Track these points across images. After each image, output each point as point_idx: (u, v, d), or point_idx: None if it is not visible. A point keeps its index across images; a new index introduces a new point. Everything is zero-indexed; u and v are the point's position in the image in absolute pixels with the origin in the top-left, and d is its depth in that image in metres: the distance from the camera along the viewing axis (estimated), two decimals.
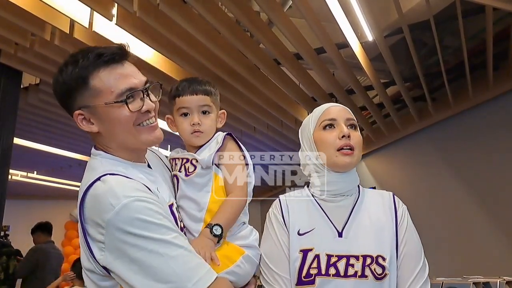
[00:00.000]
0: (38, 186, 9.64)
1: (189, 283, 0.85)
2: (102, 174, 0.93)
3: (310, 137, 1.21)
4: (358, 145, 1.17)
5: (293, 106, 5.12)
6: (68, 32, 3.24)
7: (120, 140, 1.00)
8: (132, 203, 0.86)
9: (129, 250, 0.85)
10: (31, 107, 4.96)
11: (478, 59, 4.39)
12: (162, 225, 0.88)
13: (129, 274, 0.86)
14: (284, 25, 3.39)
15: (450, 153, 5.36)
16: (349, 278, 1.06)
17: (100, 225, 0.87)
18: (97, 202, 0.88)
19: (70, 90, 0.96)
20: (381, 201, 1.22)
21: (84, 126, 0.98)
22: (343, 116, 1.20)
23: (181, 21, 3.10)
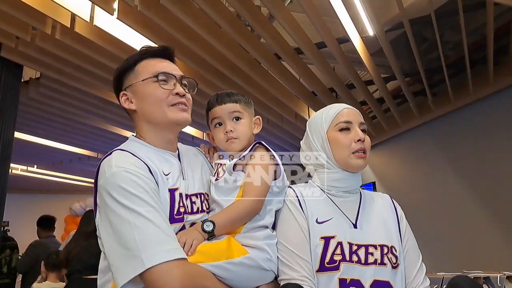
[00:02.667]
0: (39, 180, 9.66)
1: (143, 254, 0.89)
2: (114, 150, 1.07)
3: (323, 136, 1.26)
4: (368, 149, 1.25)
5: (293, 100, 5.13)
6: (69, 26, 3.23)
7: (151, 116, 1.13)
8: (120, 172, 0.97)
9: (108, 213, 0.95)
10: (32, 101, 4.96)
11: (478, 54, 4.40)
12: (139, 197, 0.95)
13: (104, 235, 0.97)
14: (285, 19, 3.38)
15: (450, 148, 5.37)
16: (370, 265, 1.11)
17: (98, 190, 1.01)
18: (99, 170, 1.03)
19: (119, 75, 1.15)
20: (382, 201, 1.31)
21: (125, 104, 1.13)
22: (358, 120, 1.26)
23: (182, 15, 3.10)
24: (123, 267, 0.90)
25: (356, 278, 1.09)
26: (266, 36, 3.58)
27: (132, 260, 0.90)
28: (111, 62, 3.81)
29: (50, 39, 3.53)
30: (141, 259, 0.89)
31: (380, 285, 1.10)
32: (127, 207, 0.93)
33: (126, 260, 0.90)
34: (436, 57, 4.32)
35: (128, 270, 0.89)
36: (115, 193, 0.95)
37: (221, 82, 4.29)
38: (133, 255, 0.90)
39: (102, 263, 1.07)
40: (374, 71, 4.43)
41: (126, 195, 0.94)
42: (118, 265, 0.92)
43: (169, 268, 0.90)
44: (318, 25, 3.47)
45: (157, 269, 0.89)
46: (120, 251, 0.91)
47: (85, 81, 4.41)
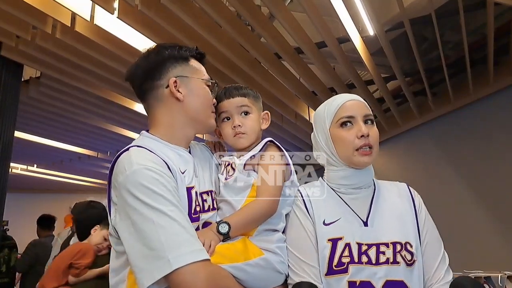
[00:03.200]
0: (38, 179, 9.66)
1: (170, 254, 0.87)
2: (131, 146, 1.03)
3: (326, 133, 1.19)
4: (376, 142, 1.16)
5: (293, 100, 5.13)
6: (69, 25, 3.23)
7: (195, 113, 1.13)
8: (141, 170, 0.94)
9: (129, 212, 0.92)
10: (32, 100, 4.96)
11: (478, 54, 4.40)
12: (162, 196, 0.93)
13: (125, 235, 0.93)
14: (285, 19, 3.38)
15: (450, 148, 5.37)
16: (382, 265, 1.05)
17: (116, 187, 0.97)
18: (117, 167, 0.99)
19: (164, 62, 1.12)
20: (398, 192, 1.22)
21: (174, 91, 1.10)
22: (361, 113, 1.17)
23: (182, 15, 3.10)
24: (148, 268, 0.88)
25: (366, 279, 1.04)
26: (266, 35, 3.58)
27: (157, 261, 0.87)
28: (112, 62, 3.81)
29: (50, 38, 3.53)
30: (168, 260, 0.87)
31: (394, 285, 1.05)
32: (150, 205, 0.91)
33: (152, 260, 0.88)
34: (436, 57, 4.32)
35: (154, 271, 0.87)
36: (137, 191, 0.92)
37: (221, 82, 4.29)
38: (159, 256, 0.87)
39: (114, 262, 1.04)
40: (374, 71, 4.43)
41: (149, 194, 0.92)
42: (142, 266, 0.89)
43: (196, 269, 0.88)
44: (318, 24, 3.47)
45: (184, 270, 0.87)
46: (144, 251, 0.89)
47: (85, 80, 4.40)
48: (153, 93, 1.11)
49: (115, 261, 1.03)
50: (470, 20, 3.72)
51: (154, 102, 1.12)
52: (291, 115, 5.46)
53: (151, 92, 1.12)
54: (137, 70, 1.13)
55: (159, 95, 1.11)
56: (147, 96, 1.13)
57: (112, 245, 1.04)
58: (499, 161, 4.67)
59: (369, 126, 1.16)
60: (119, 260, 1.02)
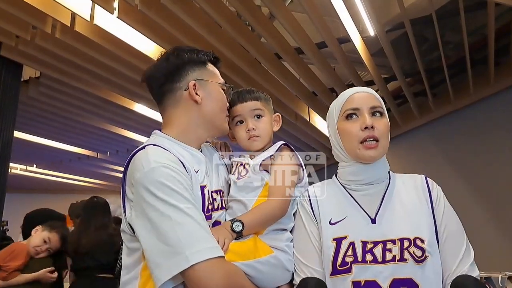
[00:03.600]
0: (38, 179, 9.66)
1: (187, 250, 0.89)
2: (147, 144, 1.05)
3: (334, 127, 1.17)
4: (383, 135, 1.10)
5: (293, 100, 5.12)
6: (69, 25, 3.23)
7: (211, 116, 1.15)
8: (159, 168, 0.96)
9: (146, 209, 0.94)
10: (32, 100, 4.96)
11: (479, 55, 4.39)
12: (179, 193, 0.95)
13: (142, 231, 0.94)
14: (285, 19, 3.38)
15: (451, 149, 5.37)
16: (388, 263, 1.01)
17: (132, 184, 0.98)
18: (134, 164, 1.00)
19: (184, 66, 1.14)
20: (413, 185, 1.16)
21: (193, 93, 1.12)
22: (367, 104, 1.12)
23: (183, 15, 3.09)
24: (165, 264, 0.89)
25: (372, 279, 1.00)
26: (266, 35, 3.57)
27: (175, 257, 0.89)
28: (112, 62, 3.81)
29: (50, 38, 3.53)
30: (185, 256, 0.88)
31: (402, 283, 1.00)
32: (168, 202, 0.92)
33: (169, 256, 0.89)
34: (437, 57, 4.32)
35: (171, 267, 0.89)
36: (155, 189, 0.93)
37: None
38: (176, 252, 0.89)
39: (126, 259, 1.04)
40: (375, 71, 4.43)
41: (166, 191, 0.93)
42: (159, 262, 0.90)
43: (213, 265, 0.90)
44: (319, 25, 3.46)
45: (200, 266, 0.89)
46: (161, 248, 0.90)
47: (85, 80, 4.40)
48: (171, 95, 1.13)
49: (127, 258, 1.04)
50: (471, 20, 3.71)
51: (171, 104, 1.14)
52: (291, 115, 5.45)
53: (170, 94, 1.14)
54: (157, 72, 1.15)
55: (177, 97, 1.13)
56: (165, 97, 1.14)
57: (124, 242, 1.05)
58: (500, 161, 4.67)
59: (377, 118, 1.11)
60: (131, 257, 1.02)
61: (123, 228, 1.03)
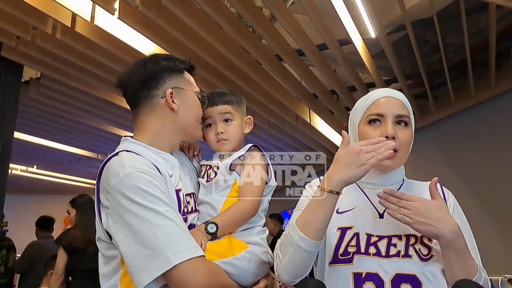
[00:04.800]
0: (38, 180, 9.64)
1: (168, 251, 0.89)
2: (120, 151, 1.04)
3: (355, 128, 1.13)
4: (404, 146, 1.07)
5: (294, 102, 5.11)
6: (69, 25, 3.23)
7: (186, 124, 1.16)
8: (135, 173, 0.96)
9: (124, 214, 0.93)
10: (32, 101, 4.96)
11: (480, 57, 4.38)
12: (157, 197, 0.95)
13: (120, 237, 0.94)
14: (286, 20, 3.37)
15: (451, 151, 5.35)
16: (391, 258, 1.00)
17: (107, 190, 0.97)
18: (108, 171, 0.99)
19: (161, 73, 1.14)
20: (425, 191, 1.10)
21: (170, 101, 1.12)
22: (393, 112, 1.08)
23: (183, 16, 3.09)
24: (146, 266, 0.90)
25: (374, 272, 0.99)
26: (267, 37, 3.57)
27: (156, 259, 0.89)
28: (112, 63, 3.80)
29: (50, 39, 3.53)
30: (167, 257, 0.89)
31: (404, 279, 0.98)
32: (146, 207, 0.93)
33: (150, 259, 0.90)
34: (438, 59, 4.31)
35: (152, 269, 0.89)
36: (132, 194, 0.93)
37: (221, 83, 4.28)
38: (157, 254, 0.89)
39: (103, 268, 1.04)
40: (376, 74, 4.42)
41: (144, 196, 0.94)
42: (140, 265, 0.90)
43: (195, 265, 0.92)
44: (320, 26, 3.46)
45: (183, 266, 0.90)
46: (141, 251, 0.91)
47: (85, 81, 4.40)
48: (147, 102, 1.13)
49: (105, 266, 1.03)
50: (472, 23, 3.70)
51: (147, 110, 1.14)
52: (292, 117, 5.44)
53: (145, 100, 1.13)
54: (133, 78, 1.14)
55: (154, 104, 1.13)
56: (140, 104, 1.14)
57: (101, 250, 1.04)
58: (501, 164, 4.65)
59: (400, 128, 1.08)
60: (109, 265, 1.02)
61: (99, 236, 1.03)
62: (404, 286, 0.98)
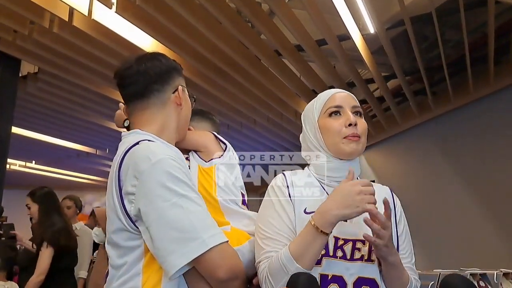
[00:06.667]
0: (37, 176, 9.64)
1: (205, 234, 0.94)
2: (141, 140, 1.06)
3: (314, 124, 1.19)
4: (364, 133, 1.15)
5: (293, 98, 5.11)
6: (67, 20, 3.21)
7: (184, 121, 1.23)
8: (167, 159, 0.99)
9: (155, 199, 0.95)
10: (30, 96, 4.95)
11: (479, 53, 4.38)
12: (187, 183, 0.99)
13: (152, 221, 0.95)
14: (285, 16, 3.36)
15: (450, 147, 5.36)
16: (356, 261, 1.05)
17: (135, 176, 0.98)
18: (136, 157, 1.01)
19: (174, 70, 1.20)
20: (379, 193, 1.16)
21: (181, 97, 1.18)
22: (349, 103, 1.17)
23: (182, 10, 3.07)
24: (180, 249, 0.92)
25: (339, 274, 1.04)
26: (266, 32, 3.56)
27: (191, 242, 0.93)
28: (110, 57, 3.79)
29: (48, 33, 3.51)
30: (203, 240, 0.93)
31: (365, 282, 1.05)
32: (178, 193, 0.96)
33: (185, 242, 0.93)
34: (437, 55, 4.31)
35: (188, 251, 0.92)
36: (165, 179, 0.96)
37: (220, 79, 4.27)
38: (192, 237, 0.93)
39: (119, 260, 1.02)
40: (375, 70, 4.41)
41: (176, 182, 0.96)
42: (173, 249, 0.92)
43: (224, 248, 0.96)
44: (319, 22, 3.45)
45: (216, 249, 0.94)
46: (174, 235, 0.93)
47: (83, 76, 4.39)
48: (160, 95, 1.16)
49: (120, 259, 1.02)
50: (471, 19, 3.70)
51: (157, 103, 1.16)
52: (291, 113, 5.44)
53: (158, 93, 1.16)
54: (150, 70, 1.16)
55: (165, 98, 1.16)
56: (152, 95, 1.15)
57: (118, 242, 1.02)
58: (499, 160, 4.66)
59: (357, 117, 1.16)
60: (128, 256, 1.00)
61: (118, 227, 1.01)
62: None
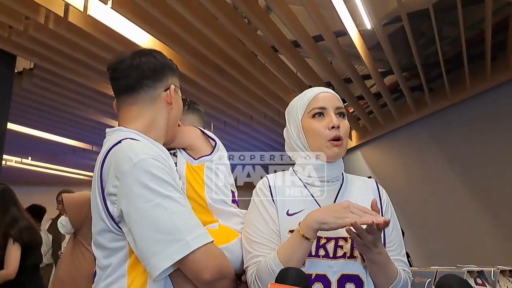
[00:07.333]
0: (33, 172, 9.61)
1: (188, 236, 0.92)
2: (123, 138, 1.04)
3: (298, 124, 1.20)
4: (346, 135, 1.17)
5: (290, 94, 5.09)
6: (62, 15, 3.19)
7: (174, 122, 1.19)
8: (148, 159, 0.96)
9: (137, 200, 0.93)
10: (25, 92, 4.92)
11: (476, 50, 4.38)
12: (170, 183, 0.96)
13: (134, 223, 0.93)
14: (282, 11, 3.35)
15: (446, 144, 5.37)
16: (338, 259, 1.07)
17: (116, 177, 0.96)
18: (117, 157, 0.98)
19: (167, 68, 1.18)
20: (365, 187, 1.22)
21: (172, 96, 1.16)
22: (333, 105, 1.17)
23: (178, 7, 3.06)
24: (164, 251, 0.90)
25: (322, 273, 1.05)
26: (263, 28, 3.54)
27: (175, 244, 0.91)
28: (106, 53, 3.77)
29: (43, 28, 3.49)
30: (186, 242, 0.91)
31: (349, 279, 1.06)
32: (161, 193, 0.93)
33: (168, 244, 0.91)
34: (434, 52, 4.30)
35: (172, 253, 0.90)
36: (146, 180, 0.93)
37: (217, 75, 4.26)
38: (176, 239, 0.91)
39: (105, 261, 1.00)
40: (372, 65, 4.41)
41: (158, 182, 0.94)
42: (156, 250, 0.90)
43: (209, 249, 0.95)
44: (316, 18, 3.44)
45: (200, 251, 0.92)
46: (157, 237, 0.91)
47: (79, 72, 4.36)
48: (151, 91, 1.14)
49: (107, 260, 1.00)
50: (468, 15, 3.69)
51: (147, 99, 1.13)
52: None
53: (148, 89, 1.14)
54: (143, 65, 1.14)
55: (156, 95, 1.14)
56: (142, 91, 1.13)
57: (102, 243, 1.01)
58: (495, 156, 4.68)
59: (340, 119, 1.17)
60: (113, 258, 0.99)
61: (101, 229, 1.00)
62: (349, 285, 1.06)
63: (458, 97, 5.12)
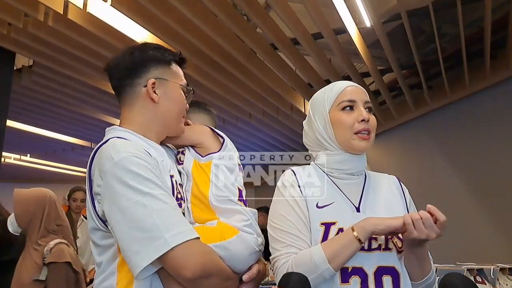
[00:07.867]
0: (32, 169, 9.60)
1: (167, 234, 0.90)
2: (110, 137, 1.05)
3: (325, 116, 1.19)
4: (374, 129, 1.18)
5: (289, 92, 5.10)
6: (62, 12, 3.18)
7: (167, 116, 1.15)
8: (129, 157, 0.96)
9: (118, 199, 0.93)
10: (24, 89, 4.91)
11: (475, 47, 4.38)
12: (151, 180, 0.95)
13: (115, 222, 0.93)
14: (281, 9, 3.34)
15: (445, 142, 5.38)
16: (374, 251, 1.06)
17: (100, 176, 0.96)
18: (101, 157, 0.99)
19: (147, 62, 1.14)
20: (387, 182, 1.23)
21: (150, 91, 1.12)
22: (362, 98, 1.18)
23: (177, 3, 3.05)
24: (144, 250, 0.90)
25: (359, 266, 1.04)
26: (262, 26, 3.54)
27: (154, 242, 0.90)
28: (105, 50, 3.76)
29: (43, 26, 3.48)
30: (165, 239, 0.90)
31: (385, 271, 1.05)
32: (141, 191, 0.93)
33: (147, 242, 0.90)
34: (433, 50, 4.30)
35: (150, 252, 0.90)
36: (127, 178, 0.93)
37: (215, 72, 4.25)
38: (154, 237, 0.90)
39: (99, 258, 1.03)
40: (371, 63, 4.41)
41: (139, 180, 0.94)
42: (137, 249, 0.90)
43: (191, 246, 0.93)
44: (315, 15, 3.43)
45: (180, 248, 0.91)
46: (138, 235, 0.91)
47: (78, 69, 4.35)
48: (130, 90, 1.14)
49: (100, 257, 1.03)
50: (467, 13, 3.69)
51: (129, 98, 1.14)
52: (287, 107, 5.43)
53: (129, 88, 1.14)
54: (120, 65, 1.16)
55: (136, 93, 1.13)
56: (123, 91, 1.15)
57: (95, 241, 1.03)
58: (494, 154, 4.68)
59: (369, 114, 1.18)
60: (105, 255, 1.01)
61: (93, 227, 1.01)
62: (386, 278, 1.05)
63: (457, 95, 5.12)
